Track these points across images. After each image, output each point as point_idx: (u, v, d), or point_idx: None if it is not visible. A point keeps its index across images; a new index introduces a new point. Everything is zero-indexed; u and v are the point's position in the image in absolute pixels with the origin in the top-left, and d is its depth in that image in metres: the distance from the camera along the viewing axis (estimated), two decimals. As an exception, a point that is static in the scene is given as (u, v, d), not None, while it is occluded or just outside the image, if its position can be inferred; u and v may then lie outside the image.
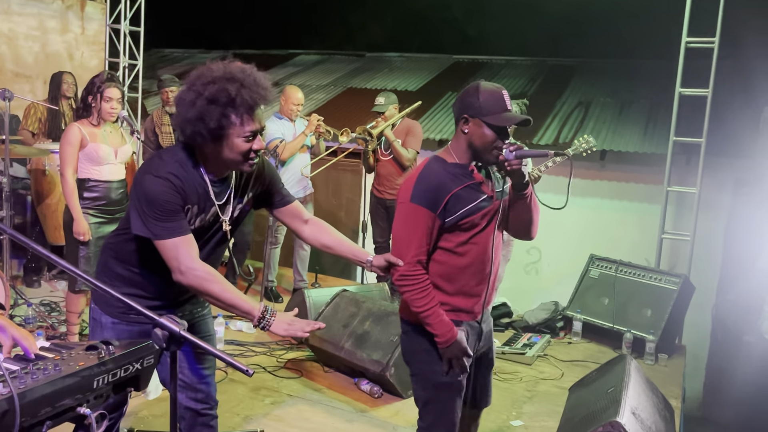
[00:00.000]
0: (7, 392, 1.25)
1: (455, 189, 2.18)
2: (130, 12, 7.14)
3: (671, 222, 5.61)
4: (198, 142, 1.96)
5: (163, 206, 1.91)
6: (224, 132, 1.93)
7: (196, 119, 1.90)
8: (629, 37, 8.93)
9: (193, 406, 2.24)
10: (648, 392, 3.17)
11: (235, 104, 1.90)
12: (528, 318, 5.21)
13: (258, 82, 1.95)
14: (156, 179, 1.92)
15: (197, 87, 1.92)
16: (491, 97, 2.18)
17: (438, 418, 2.32)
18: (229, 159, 1.98)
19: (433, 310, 2.21)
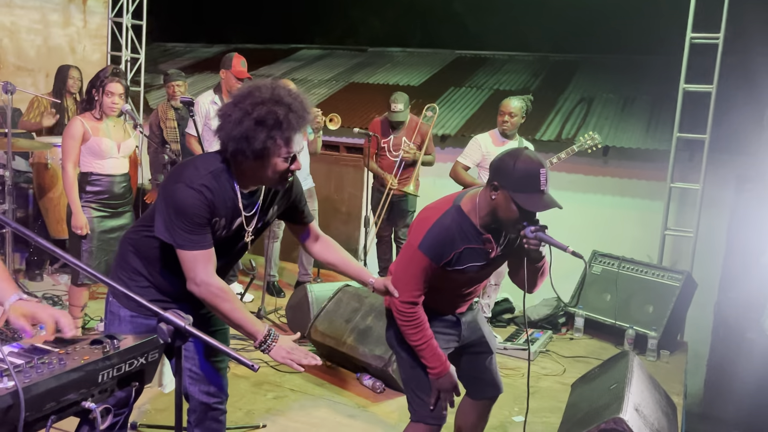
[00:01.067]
0: (12, 386, 1.24)
1: (462, 247, 2.24)
2: (132, 5, 7.12)
3: (674, 218, 5.60)
4: (239, 159, 1.98)
5: (191, 219, 1.93)
6: (267, 153, 1.95)
7: (240, 138, 1.92)
8: (632, 32, 8.91)
9: (205, 399, 2.24)
10: (651, 389, 3.17)
11: (282, 128, 1.93)
12: (530, 314, 5.20)
13: (305, 107, 1.99)
14: (188, 190, 1.93)
15: (245, 106, 1.93)
16: (526, 174, 2.13)
17: (415, 395, 2.42)
18: (266, 177, 2.01)
19: (427, 344, 2.30)
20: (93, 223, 3.72)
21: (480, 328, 2.57)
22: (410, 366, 2.42)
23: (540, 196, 2.15)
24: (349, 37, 10.86)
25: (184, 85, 5.49)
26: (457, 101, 7.45)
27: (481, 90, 7.64)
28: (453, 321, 2.47)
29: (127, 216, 3.93)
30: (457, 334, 2.48)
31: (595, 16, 9.60)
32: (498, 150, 4.31)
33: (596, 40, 9.05)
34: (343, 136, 7.31)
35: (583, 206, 6.23)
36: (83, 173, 3.72)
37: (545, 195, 2.16)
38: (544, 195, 2.16)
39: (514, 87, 7.51)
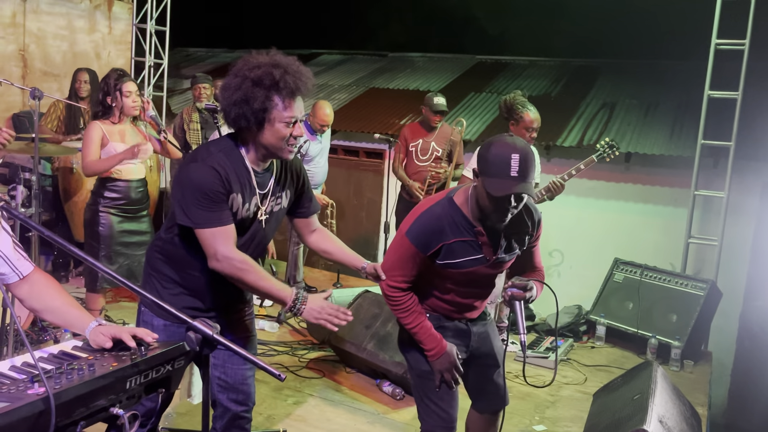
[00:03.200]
0: (43, 392, 1.26)
1: (450, 240, 2.19)
2: (156, 12, 7.21)
3: (698, 226, 5.52)
4: (242, 125, 2.00)
5: (206, 194, 1.94)
6: (267, 115, 1.98)
7: (241, 101, 1.96)
8: (656, 37, 8.83)
9: (233, 408, 2.24)
10: (675, 400, 3.12)
11: (279, 87, 1.96)
12: (551, 321, 5.17)
13: (301, 71, 2.02)
14: (201, 166, 1.96)
15: (243, 72, 1.98)
16: (498, 159, 2.06)
17: (427, 405, 2.37)
18: (271, 144, 2.02)
19: (419, 326, 2.29)
20: (112, 228, 3.77)
21: (491, 341, 2.51)
22: (416, 374, 2.40)
23: (509, 182, 2.04)
24: (369, 42, 10.90)
25: (211, 88, 5.56)
26: (478, 107, 7.43)
27: (501, 95, 7.58)
28: (463, 329, 2.42)
29: (146, 220, 3.97)
30: (465, 344, 2.43)
31: (617, 20, 9.53)
32: None
33: (619, 45, 8.98)
34: (363, 141, 7.32)
35: (604, 213, 6.17)
36: (101, 178, 3.77)
37: (515, 181, 2.04)
38: (514, 181, 2.04)
39: (535, 92, 7.47)
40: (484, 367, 2.50)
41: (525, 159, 2.06)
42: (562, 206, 4.98)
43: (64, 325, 1.76)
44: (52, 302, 1.72)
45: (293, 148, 2.06)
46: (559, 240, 6.24)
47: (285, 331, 4.74)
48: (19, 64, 5.91)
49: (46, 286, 1.73)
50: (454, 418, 2.37)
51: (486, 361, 2.49)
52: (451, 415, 2.37)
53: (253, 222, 2.12)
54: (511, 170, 2.03)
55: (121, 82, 3.72)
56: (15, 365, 1.45)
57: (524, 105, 3.99)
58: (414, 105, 7.66)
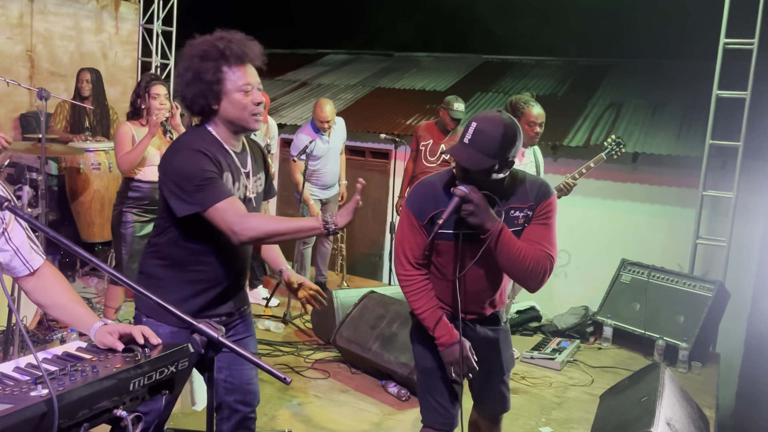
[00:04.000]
0: (46, 394, 1.25)
1: (443, 208, 2.13)
2: (162, 12, 7.22)
3: (705, 227, 5.49)
4: (203, 105, 2.00)
5: (201, 175, 1.92)
6: (221, 87, 1.98)
7: (193, 79, 1.97)
8: (663, 36, 8.78)
9: (241, 408, 2.22)
10: (683, 402, 3.10)
11: (226, 56, 1.96)
12: (557, 322, 5.15)
13: (245, 39, 2.02)
14: (187, 154, 1.96)
15: (189, 53, 2.00)
16: (465, 127, 2.10)
17: (427, 400, 2.36)
18: (235, 117, 2.01)
19: (429, 312, 2.23)
20: (135, 229, 3.81)
21: (499, 349, 2.44)
22: (420, 369, 2.39)
23: (456, 146, 2.07)
24: (375, 42, 10.88)
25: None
26: (484, 106, 7.41)
27: (508, 95, 7.57)
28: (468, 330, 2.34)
29: None
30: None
31: (624, 19, 9.48)
32: (520, 166, 4.19)
33: (626, 44, 8.94)
34: (369, 141, 7.32)
35: (611, 213, 6.14)
36: (126, 179, 3.81)
37: (461, 146, 2.05)
38: (460, 145, 2.06)
39: (542, 92, 7.44)
40: (489, 374, 2.45)
41: (483, 130, 2.03)
42: (569, 206, 4.95)
43: (69, 323, 1.75)
44: (58, 298, 1.71)
45: (258, 116, 2.04)
46: (566, 240, 6.20)
47: (290, 331, 4.74)
48: (26, 64, 5.93)
49: (54, 281, 1.72)
50: (454, 416, 2.35)
51: (491, 367, 2.44)
52: (451, 414, 2.34)
53: (244, 203, 2.10)
54: (465, 136, 2.05)
55: (150, 84, 3.82)
56: (19, 366, 1.45)
57: (528, 102, 3.98)
58: (420, 105, 7.65)
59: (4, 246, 1.63)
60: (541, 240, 2.20)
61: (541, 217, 2.21)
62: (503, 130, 2.03)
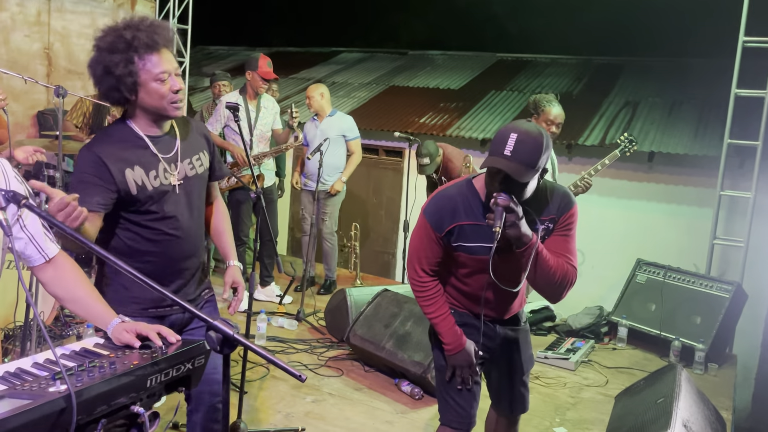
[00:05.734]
0: (64, 390, 1.26)
1: (463, 222, 2.13)
2: (178, 10, 7.26)
3: (723, 227, 5.43)
4: (118, 98, 1.97)
5: (77, 174, 1.94)
6: (135, 79, 1.93)
7: (104, 74, 1.92)
8: (680, 34, 8.69)
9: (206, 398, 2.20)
10: (700, 404, 3.07)
11: (134, 47, 1.91)
12: (571, 322, 5.11)
13: (154, 24, 1.97)
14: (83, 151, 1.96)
15: (96, 45, 1.94)
16: (498, 138, 2.02)
17: (445, 399, 2.36)
18: (153, 106, 1.98)
19: (441, 318, 2.26)
20: None
21: (520, 349, 2.43)
22: (439, 369, 2.39)
23: (498, 159, 1.98)
24: (389, 40, 10.87)
25: (230, 85, 5.60)
26: (498, 105, 7.38)
27: (522, 93, 7.55)
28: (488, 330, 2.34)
29: None
30: (487, 346, 2.35)
31: (640, 17, 9.40)
32: None
33: (642, 42, 8.86)
34: (383, 140, 7.31)
35: (627, 213, 6.10)
36: None
37: (505, 159, 1.97)
38: (504, 159, 1.97)
39: (557, 91, 7.39)
40: (509, 374, 2.45)
41: (525, 141, 1.98)
42: (584, 205, 4.89)
43: (86, 318, 1.75)
44: (75, 291, 1.71)
45: (178, 104, 2.01)
46: (581, 240, 6.09)
47: (304, 329, 4.75)
48: (43, 62, 5.99)
49: (71, 273, 1.72)
50: (471, 416, 2.34)
51: (511, 367, 2.44)
52: (469, 413, 2.33)
53: (170, 190, 2.07)
54: (505, 148, 1.98)
55: None
56: (37, 362, 1.46)
57: (550, 101, 4.02)
58: (434, 103, 7.64)
59: (19, 233, 1.63)
60: (565, 252, 2.19)
61: (563, 227, 2.20)
62: (542, 140, 2.01)
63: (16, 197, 1.44)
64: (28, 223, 1.65)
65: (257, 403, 3.55)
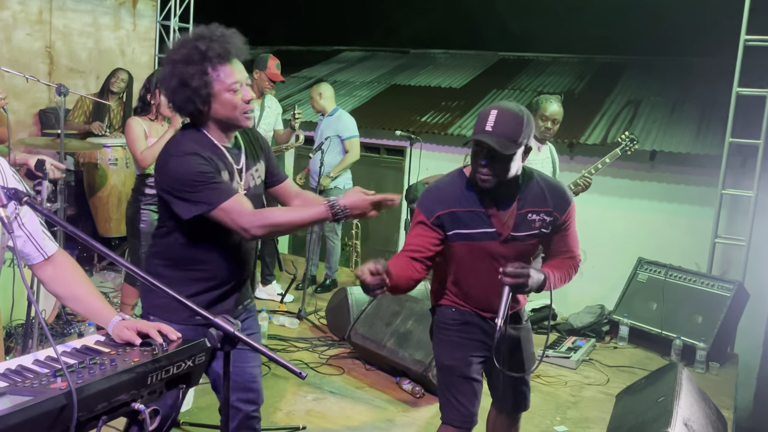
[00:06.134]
0: (65, 387, 1.26)
1: (456, 209, 2.17)
2: (179, 9, 7.26)
3: (724, 226, 5.42)
4: (192, 110, 1.97)
5: (199, 177, 1.91)
6: (210, 90, 1.94)
7: (180, 86, 1.92)
8: (682, 33, 8.67)
9: (243, 408, 2.19)
10: (701, 403, 3.06)
11: (210, 58, 1.92)
12: (573, 321, 5.11)
13: (226, 35, 1.97)
14: (181, 158, 1.93)
15: (170, 57, 1.95)
16: (479, 117, 2.12)
17: (447, 397, 2.36)
18: (226, 117, 1.99)
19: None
20: (152, 225, 3.82)
21: (521, 347, 2.46)
22: (440, 367, 2.40)
23: (481, 134, 2.06)
24: (391, 39, 10.85)
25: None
26: (500, 104, 7.37)
27: (524, 92, 7.55)
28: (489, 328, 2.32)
29: None
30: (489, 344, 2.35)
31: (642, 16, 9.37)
32: (538, 158, 4.17)
33: (644, 41, 8.83)
34: (384, 138, 7.31)
35: (628, 212, 6.09)
36: (141, 175, 3.81)
37: (485, 133, 2.05)
38: (484, 133, 2.05)
39: (559, 89, 7.38)
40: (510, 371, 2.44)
41: (505, 115, 2.06)
42: (585, 204, 4.90)
43: (87, 316, 1.75)
44: (75, 289, 1.70)
45: (250, 114, 2.02)
46: (582, 238, 6.08)
47: (305, 327, 4.75)
48: (45, 60, 5.99)
49: (71, 271, 1.71)
50: (473, 414, 2.35)
51: (512, 365, 2.43)
52: (471, 411, 2.34)
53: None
54: (486, 124, 2.06)
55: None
56: (38, 359, 1.46)
57: (547, 99, 4.04)
58: (436, 102, 7.63)
59: (17, 231, 1.63)
60: (570, 247, 2.33)
61: (564, 226, 2.28)
62: (522, 116, 2.09)
63: (17, 194, 1.44)
64: (27, 221, 1.65)
65: (258, 401, 3.56)
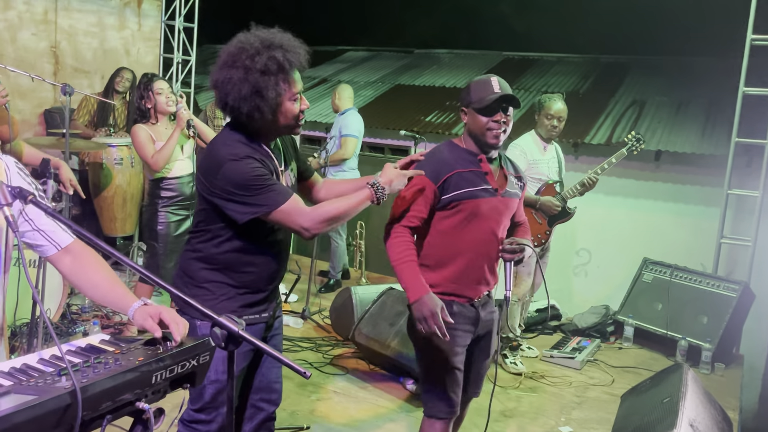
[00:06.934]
0: (70, 386, 1.26)
1: (460, 169, 2.31)
2: (184, 9, 7.27)
3: (730, 226, 5.40)
4: (256, 117, 1.94)
5: (258, 180, 1.91)
6: (280, 100, 1.94)
7: (252, 94, 1.90)
8: (687, 33, 8.63)
9: (265, 407, 2.19)
10: (706, 404, 3.05)
11: (285, 70, 1.92)
12: (577, 321, 5.10)
13: (295, 44, 1.98)
14: (237, 162, 1.91)
15: (244, 62, 1.90)
16: (478, 86, 2.32)
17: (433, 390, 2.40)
18: (283, 125, 2.01)
19: (406, 265, 2.26)
20: (169, 227, 3.84)
21: (490, 332, 2.53)
22: (421, 360, 2.44)
23: (494, 95, 2.28)
24: (395, 39, 10.85)
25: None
26: (504, 103, 7.36)
27: (529, 92, 7.53)
28: (472, 314, 2.41)
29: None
30: (472, 331, 2.44)
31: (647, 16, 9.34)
32: (544, 158, 4.17)
33: (649, 41, 8.80)
34: (388, 138, 7.31)
35: (633, 212, 6.07)
36: (154, 180, 3.82)
37: (500, 92, 2.28)
38: (499, 93, 2.28)
39: (563, 89, 7.36)
40: (475, 354, 2.52)
41: (503, 81, 2.33)
42: (590, 204, 4.90)
43: (107, 303, 1.73)
44: (94, 276, 1.69)
45: (302, 122, 2.05)
46: (587, 239, 6.15)
47: (309, 327, 4.75)
48: (50, 60, 6.00)
49: (90, 259, 1.70)
50: (456, 403, 2.41)
51: (480, 350, 2.52)
52: (454, 400, 2.40)
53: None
54: (494, 87, 2.30)
55: (151, 82, 3.82)
56: (43, 358, 1.46)
57: (551, 98, 4.08)
58: (440, 102, 7.62)
59: (25, 227, 1.62)
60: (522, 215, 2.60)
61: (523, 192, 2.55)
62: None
63: (22, 193, 1.44)
64: (34, 215, 1.65)
65: (262, 401, 3.56)
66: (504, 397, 3.88)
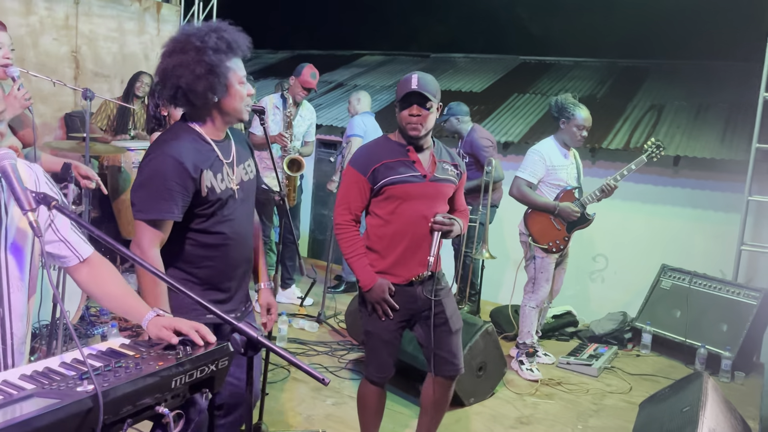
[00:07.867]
0: (92, 390, 1.27)
1: (387, 160, 2.58)
2: (202, 14, 7.35)
3: (750, 233, 5.33)
4: (209, 98, 1.97)
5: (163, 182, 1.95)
6: (228, 80, 1.99)
7: (207, 72, 1.93)
8: (707, 37, 8.55)
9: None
10: (726, 413, 3.01)
11: (233, 49, 1.98)
12: (594, 328, 5.06)
13: (235, 30, 2.04)
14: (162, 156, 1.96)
15: (194, 44, 1.93)
16: (401, 83, 2.57)
17: (369, 357, 2.76)
18: (234, 109, 2.04)
19: (357, 258, 2.62)
20: None
21: (443, 307, 2.69)
22: (365, 332, 2.72)
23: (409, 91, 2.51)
24: (411, 43, 10.87)
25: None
26: (521, 108, 7.33)
27: (545, 96, 7.49)
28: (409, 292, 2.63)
29: None
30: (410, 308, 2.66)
31: (666, 19, 9.28)
32: (565, 163, 4.16)
33: (668, 45, 8.74)
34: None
35: (651, 218, 6.01)
36: None
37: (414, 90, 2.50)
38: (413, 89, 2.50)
39: (581, 94, 7.31)
40: (436, 328, 2.67)
41: (425, 78, 2.53)
42: (608, 210, 4.86)
43: (121, 313, 1.76)
44: (110, 288, 1.73)
45: (248, 107, 2.09)
46: (604, 244, 6.10)
47: (325, 331, 4.75)
48: (71, 65, 6.08)
49: (106, 271, 1.74)
50: (389, 366, 2.70)
51: (437, 322, 2.67)
52: (387, 362, 2.69)
53: (232, 194, 2.11)
54: (412, 84, 2.51)
55: None
56: (65, 361, 1.47)
57: (576, 104, 4.05)
58: (456, 106, 7.59)
59: (52, 237, 1.67)
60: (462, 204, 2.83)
61: (460, 183, 2.75)
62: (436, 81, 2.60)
63: (46, 199, 1.46)
64: (60, 225, 1.68)
65: (278, 405, 3.57)
66: (520, 403, 3.85)
